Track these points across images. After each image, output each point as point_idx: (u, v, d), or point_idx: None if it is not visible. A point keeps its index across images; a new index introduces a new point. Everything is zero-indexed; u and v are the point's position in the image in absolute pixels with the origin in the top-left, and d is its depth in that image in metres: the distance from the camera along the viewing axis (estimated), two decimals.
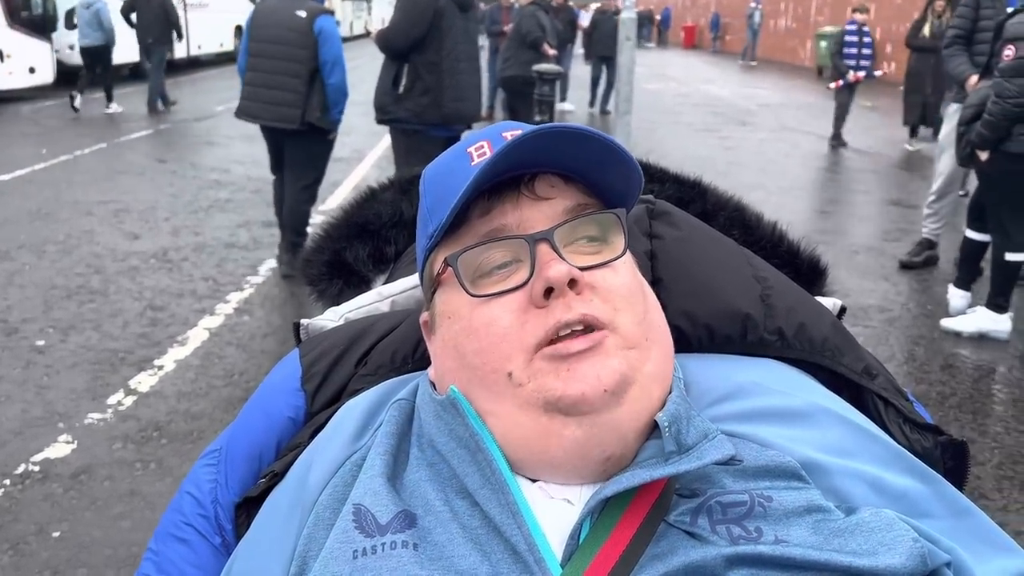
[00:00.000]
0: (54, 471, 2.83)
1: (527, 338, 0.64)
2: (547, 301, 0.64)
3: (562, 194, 0.69)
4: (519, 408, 0.64)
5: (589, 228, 0.68)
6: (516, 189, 0.68)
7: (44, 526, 2.53)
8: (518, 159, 0.66)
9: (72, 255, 5.16)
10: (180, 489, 0.85)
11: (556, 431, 0.62)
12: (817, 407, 0.72)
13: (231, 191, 6.94)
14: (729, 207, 1.00)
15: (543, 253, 0.65)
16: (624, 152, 0.67)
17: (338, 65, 4.51)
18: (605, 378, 0.62)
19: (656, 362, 0.67)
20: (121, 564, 2.32)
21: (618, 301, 0.66)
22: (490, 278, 0.67)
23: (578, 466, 0.64)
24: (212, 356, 3.78)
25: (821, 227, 6.14)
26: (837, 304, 0.92)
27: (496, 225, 0.68)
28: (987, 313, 4.04)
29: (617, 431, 0.63)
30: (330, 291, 1.01)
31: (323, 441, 0.74)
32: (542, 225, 0.67)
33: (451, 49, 4.11)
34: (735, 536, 0.61)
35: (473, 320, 0.66)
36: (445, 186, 0.71)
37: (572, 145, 0.66)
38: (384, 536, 0.63)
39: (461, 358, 0.67)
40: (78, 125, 10.10)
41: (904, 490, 0.67)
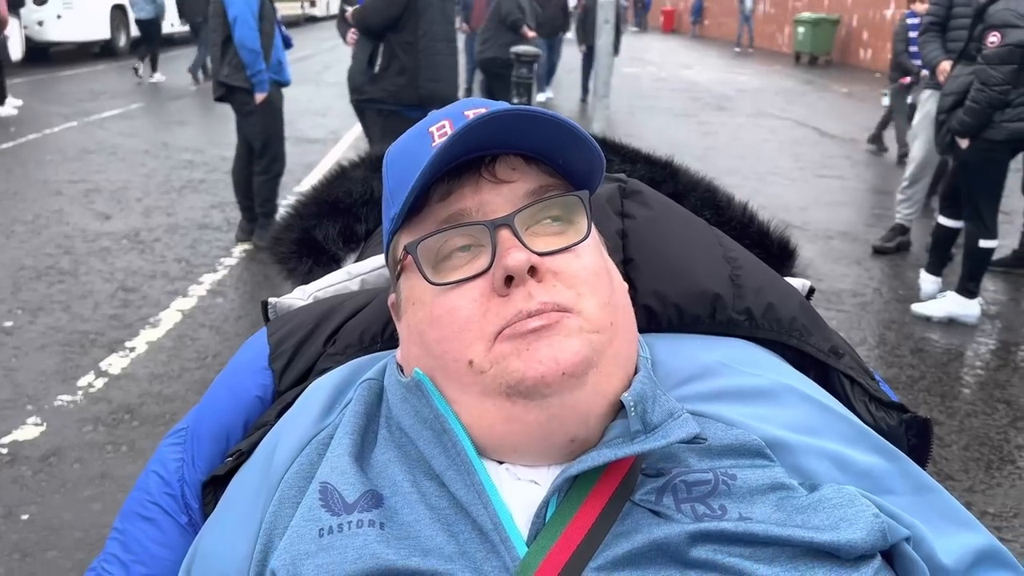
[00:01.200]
0: (23, 453, 2.79)
1: (487, 327, 0.63)
2: (508, 289, 0.63)
3: (524, 176, 0.68)
4: (482, 395, 0.64)
5: (552, 211, 0.68)
6: (476, 172, 0.67)
7: (13, 509, 2.50)
8: (478, 141, 0.65)
9: (41, 235, 5.08)
10: (146, 468, 0.84)
11: (519, 416, 0.63)
12: (783, 386, 0.73)
13: (204, 171, 6.85)
14: (700, 188, 1.00)
15: (504, 239, 0.64)
16: (582, 132, 0.67)
17: (238, 22, 4.55)
18: (563, 361, 0.62)
19: (619, 345, 0.67)
20: (92, 546, 2.30)
21: (581, 286, 0.65)
22: (450, 261, 0.66)
23: (543, 448, 0.64)
24: (185, 338, 3.74)
25: (796, 212, 6.18)
26: (806, 285, 0.93)
27: (455, 209, 0.67)
28: (957, 298, 4.10)
29: (579, 413, 0.63)
30: (300, 269, 1.00)
31: (290, 419, 0.74)
32: (503, 209, 0.66)
33: (427, 29, 4.07)
34: (700, 514, 0.61)
35: (435, 308, 0.66)
36: (405, 167, 0.70)
37: (531, 126, 0.66)
38: (351, 515, 0.62)
39: (425, 346, 0.67)
40: (47, 103, 9.91)
41: (868, 467, 0.68)
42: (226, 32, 4.64)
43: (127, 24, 15.10)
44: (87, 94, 10.74)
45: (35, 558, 2.29)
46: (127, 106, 9.96)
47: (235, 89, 4.76)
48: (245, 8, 4.55)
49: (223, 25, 4.65)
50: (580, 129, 0.66)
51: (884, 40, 16.12)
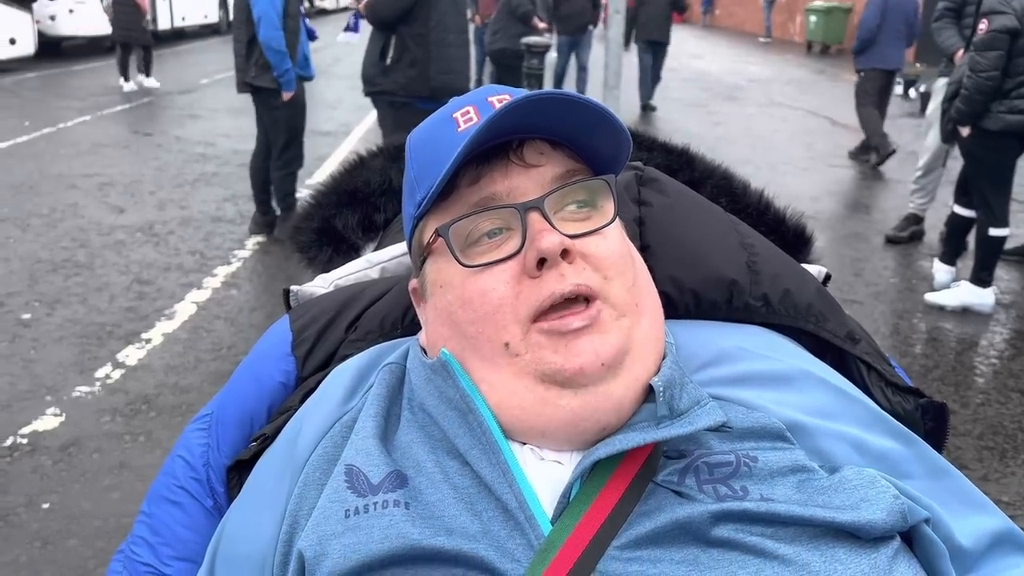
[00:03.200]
0: (43, 444, 2.83)
1: (521, 308, 0.64)
2: (540, 271, 0.64)
3: (551, 160, 0.69)
4: (515, 376, 0.65)
5: (579, 195, 0.69)
6: (505, 156, 0.68)
7: (34, 498, 2.53)
8: (506, 126, 0.66)
9: (57, 228, 5.12)
10: (172, 453, 0.86)
11: (552, 401, 0.63)
12: (801, 371, 0.73)
13: (217, 164, 6.88)
14: (716, 175, 1.00)
15: (534, 222, 0.65)
16: (614, 118, 0.67)
17: (262, 22, 4.51)
18: (603, 353, 0.63)
19: (647, 328, 0.68)
20: (111, 535, 2.33)
21: (608, 269, 0.66)
22: (480, 246, 0.67)
23: (571, 435, 0.65)
24: (200, 330, 3.77)
25: (807, 202, 6.16)
26: (822, 271, 0.93)
27: (486, 194, 0.68)
28: (971, 287, 4.08)
29: (613, 401, 0.64)
30: (320, 258, 1.01)
31: (313, 404, 0.75)
32: (532, 193, 0.67)
33: (439, 21, 4.06)
34: (721, 494, 0.62)
35: (466, 290, 0.67)
36: (431, 153, 0.71)
37: (561, 111, 0.66)
38: (376, 495, 0.64)
39: (455, 327, 0.68)
40: (60, 97, 9.97)
41: (885, 451, 0.69)
42: (251, 32, 4.60)
43: None
44: (100, 88, 10.79)
45: (56, 546, 2.32)
46: (140, 100, 10.01)
47: (261, 89, 4.75)
48: (269, 7, 4.49)
49: (247, 23, 4.60)
50: (609, 111, 0.67)
51: None
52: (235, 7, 4.76)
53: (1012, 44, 3.67)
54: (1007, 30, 3.65)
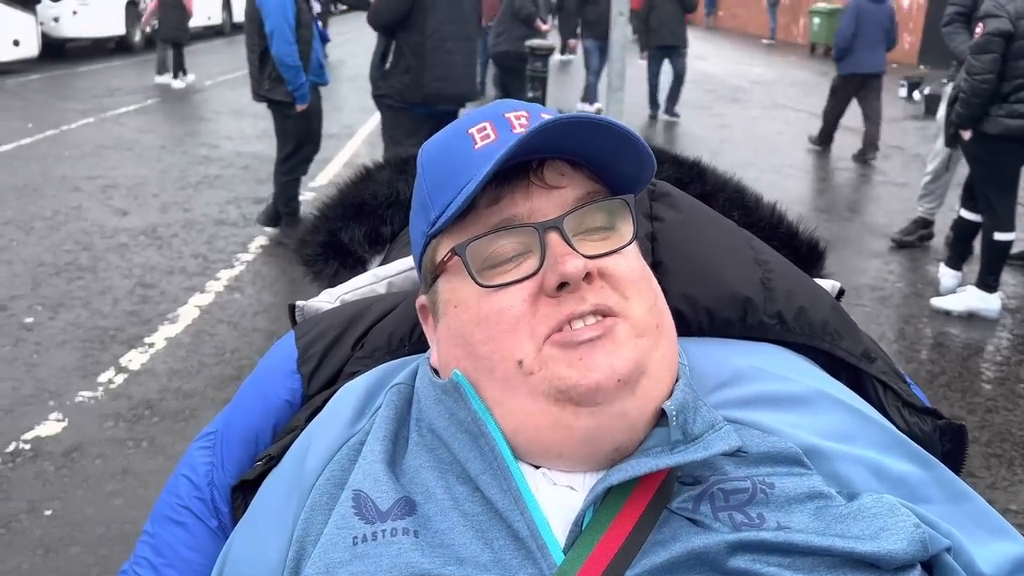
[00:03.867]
0: (45, 449, 2.82)
1: (538, 327, 0.63)
2: (559, 293, 0.63)
3: (572, 182, 0.68)
4: (529, 397, 0.63)
5: (598, 215, 0.67)
6: (525, 177, 0.67)
7: (36, 504, 2.52)
8: (529, 145, 0.65)
9: (60, 231, 5.11)
10: (176, 471, 0.84)
11: (567, 422, 0.62)
12: (817, 392, 0.72)
13: (220, 167, 6.87)
14: (728, 188, 0.99)
15: (554, 243, 0.64)
16: (641, 142, 0.66)
17: (275, 36, 4.45)
18: (619, 368, 0.61)
19: (665, 350, 0.66)
20: (114, 542, 2.32)
21: (628, 289, 0.65)
22: (499, 268, 0.66)
23: (586, 456, 0.63)
24: (203, 334, 3.76)
25: (813, 205, 6.14)
26: (836, 286, 0.92)
27: (507, 215, 0.66)
28: (977, 292, 4.07)
29: (628, 421, 0.62)
30: (326, 272, 1.00)
31: (320, 425, 0.74)
32: (552, 214, 0.66)
33: (435, 28, 4.04)
34: (738, 523, 0.61)
35: (482, 309, 0.65)
36: (446, 169, 0.69)
37: (587, 133, 0.65)
38: (384, 523, 0.62)
39: (468, 347, 0.66)
40: (64, 99, 9.98)
41: (903, 475, 0.68)
42: (263, 44, 4.52)
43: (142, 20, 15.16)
44: (103, 90, 10.80)
45: (58, 553, 2.31)
46: (143, 102, 10.01)
47: (276, 101, 4.71)
48: (281, 20, 4.42)
49: (259, 35, 4.52)
50: (637, 136, 0.66)
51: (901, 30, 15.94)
52: (246, 17, 4.68)
53: (1007, 47, 3.68)
54: (1001, 33, 3.67)
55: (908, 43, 15.59)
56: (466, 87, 4.32)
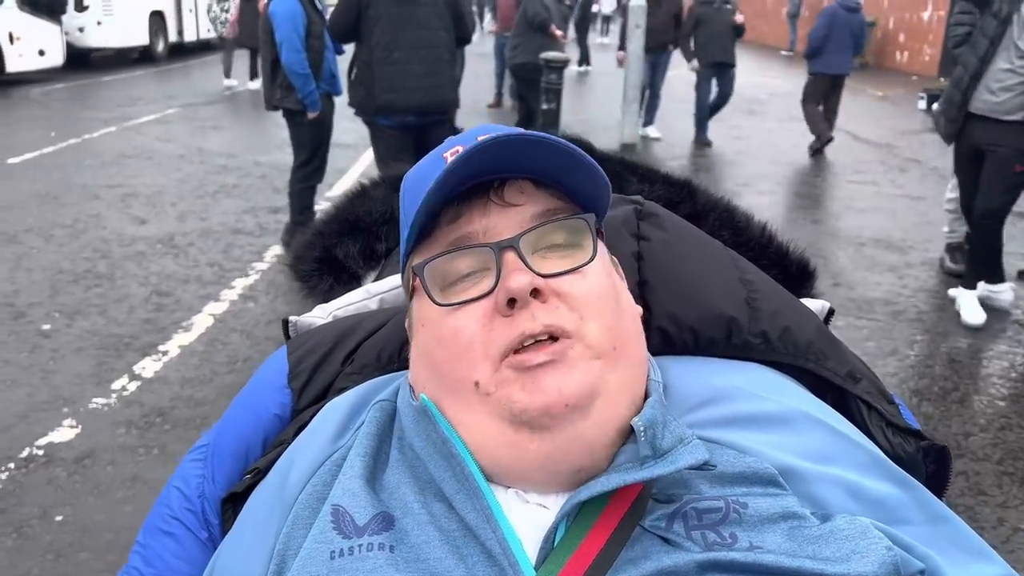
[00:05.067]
0: (58, 455, 2.85)
1: (492, 347, 0.64)
2: (511, 310, 0.64)
3: (532, 200, 0.69)
4: (487, 417, 0.64)
5: (558, 234, 0.68)
6: (485, 195, 0.68)
7: (47, 510, 2.56)
8: (486, 164, 0.66)
9: (79, 239, 5.19)
10: (168, 483, 0.86)
11: (522, 444, 0.63)
12: (798, 412, 0.72)
13: (238, 176, 6.95)
14: (719, 208, 1.00)
15: (509, 262, 0.65)
16: (584, 157, 0.67)
17: (284, 45, 4.55)
18: (567, 392, 0.62)
19: (624, 371, 0.67)
20: (123, 549, 2.35)
21: (585, 308, 0.65)
22: (457, 285, 0.67)
23: (548, 477, 0.64)
24: (216, 343, 3.80)
25: (828, 219, 6.12)
26: (825, 307, 0.92)
27: (463, 232, 0.68)
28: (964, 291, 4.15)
29: (584, 444, 0.63)
30: (320, 287, 1.01)
31: (305, 440, 0.75)
32: (509, 232, 0.67)
33: (380, 39, 4.01)
34: (710, 542, 0.61)
35: (441, 329, 0.67)
36: (419, 191, 0.71)
37: (537, 151, 0.66)
38: (361, 537, 0.63)
39: (432, 367, 0.68)
40: (87, 108, 10.13)
41: (882, 496, 0.68)
42: (275, 53, 4.63)
43: (165, 30, 15.38)
44: (126, 99, 10.95)
45: (68, 559, 2.34)
46: (164, 111, 10.14)
47: (288, 110, 4.81)
48: (291, 31, 4.51)
49: (272, 44, 4.63)
50: (581, 153, 0.66)
51: (921, 43, 15.89)
52: (260, 28, 4.81)
53: None
54: None
55: (928, 55, 15.50)
56: (425, 97, 4.14)
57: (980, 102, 3.84)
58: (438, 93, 4.19)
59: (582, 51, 15.15)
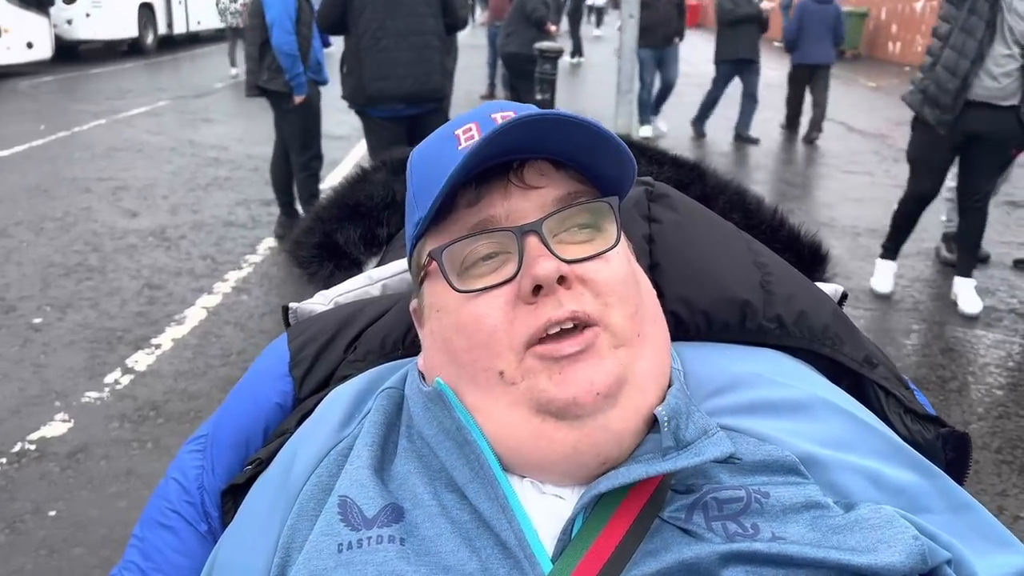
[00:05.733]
0: (51, 450, 2.82)
1: (516, 335, 0.62)
2: (536, 298, 0.62)
3: (553, 182, 0.66)
4: (510, 407, 0.62)
5: (580, 217, 0.66)
6: (505, 177, 0.65)
7: (40, 505, 2.52)
8: (506, 145, 0.63)
9: (70, 232, 5.14)
10: (166, 475, 0.83)
11: (548, 434, 0.61)
12: (816, 398, 0.70)
13: (229, 169, 6.90)
14: (729, 190, 0.97)
15: (531, 247, 0.62)
16: (614, 138, 0.64)
17: (275, 27, 4.58)
18: (598, 382, 0.60)
19: (649, 358, 0.65)
20: (118, 543, 2.32)
21: (609, 295, 0.64)
22: (476, 269, 0.65)
23: (571, 470, 0.62)
24: (210, 335, 3.77)
25: (822, 209, 6.11)
26: (838, 291, 0.90)
27: (484, 216, 0.65)
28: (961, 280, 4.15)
29: (613, 433, 0.61)
30: (321, 273, 0.99)
31: (308, 429, 0.73)
32: (531, 216, 0.64)
33: (367, 28, 3.99)
34: (731, 533, 0.59)
35: (461, 315, 0.64)
36: (431, 171, 0.68)
37: (561, 131, 0.64)
38: (370, 530, 0.61)
39: (450, 354, 0.65)
40: (76, 101, 10.04)
41: (904, 484, 0.66)
42: (264, 35, 4.68)
43: (155, 23, 15.27)
44: (115, 92, 10.87)
45: (62, 554, 2.31)
46: (154, 103, 10.06)
47: (274, 92, 4.82)
48: (282, 12, 4.57)
49: (261, 28, 4.68)
50: (610, 132, 0.64)
51: (913, 33, 15.89)
52: (249, 11, 4.85)
53: None
54: None
55: (921, 46, 15.50)
56: (415, 85, 4.10)
57: (981, 88, 3.78)
58: (428, 80, 4.14)
59: (575, 42, 15.11)
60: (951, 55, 3.82)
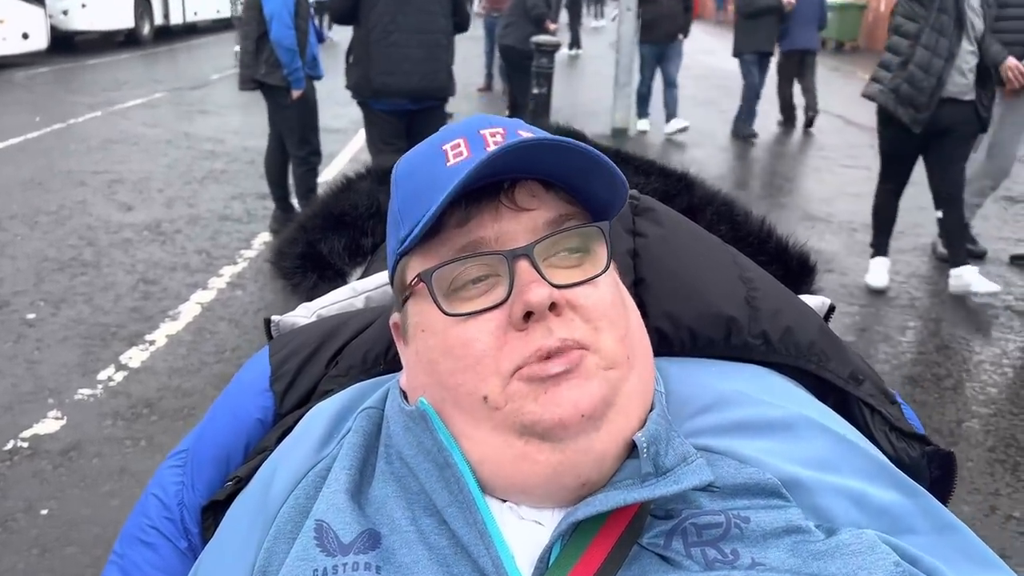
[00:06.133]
0: (43, 447, 2.81)
1: (504, 362, 0.61)
2: (527, 324, 0.61)
3: (544, 204, 0.65)
4: (494, 431, 0.61)
5: (570, 241, 0.65)
6: (495, 198, 0.64)
7: (33, 503, 2.52)
8: (498, 166, 0.62)
9: (65, 226, 5.12)
10: (146, 491, 0.83)
11: (531, 456, 0.60)
12: (800, 417, 0.70)
13: (225, 162, 6.87)
14: (716, 201, 0.96)
15: (523, 271, 0.62)
16: (609, 164, 0.63)
17: (274, 21, 4.56)
18: (583, 404, 0.59)
19: (636, 381, 0.64)
20: (111, 543, 2.30)
21: (599, 319, 0.63)
22: (465, 292, 0.64)
23: (552, 491, 0.61)
24: (204, 331, 3.76)
25: (819, 204, 6.10)
26: (825, 303, 0.90)
27: (473, 238, 0.64)
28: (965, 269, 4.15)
29: (595, 456, 0.60)
30: (304, 284, 0.98)
31: (287, 448, 0.72)
32: (522, 238, 0.63)
33: (377, 21, 4.00)
34: (710, 559, 0.59)
35: (448, 338, 0.63)
36: (416, 186, 0.67)
37: (556, 155, 0.63)
38: (346, 556, 0.60)
39: (435, 376, 0.64)
40: (72, 92, 9.99)
41: (887, 505, 0.65)
42: (261, 29, 4.66)
43: (151, 13, 15.20)
44: (111, 83, 10.82)
45: (54, 553, 2.31)
46: (150, 95, 10.02)
47: (271, 87, 4.80)
48: (281, 6, 4.54)
49: (258, 21, 4.66)
50: (604, 157, 0.63)
51: None
52: (245, 4, 4.83)
53: None
54: None
55: None
56: (422, 82, 4.12)
57: (953, 85, 3.91)
58: (435, 79, 4.18)
59: (573, 34, 15.05)
60: (924, 54, 3.88)
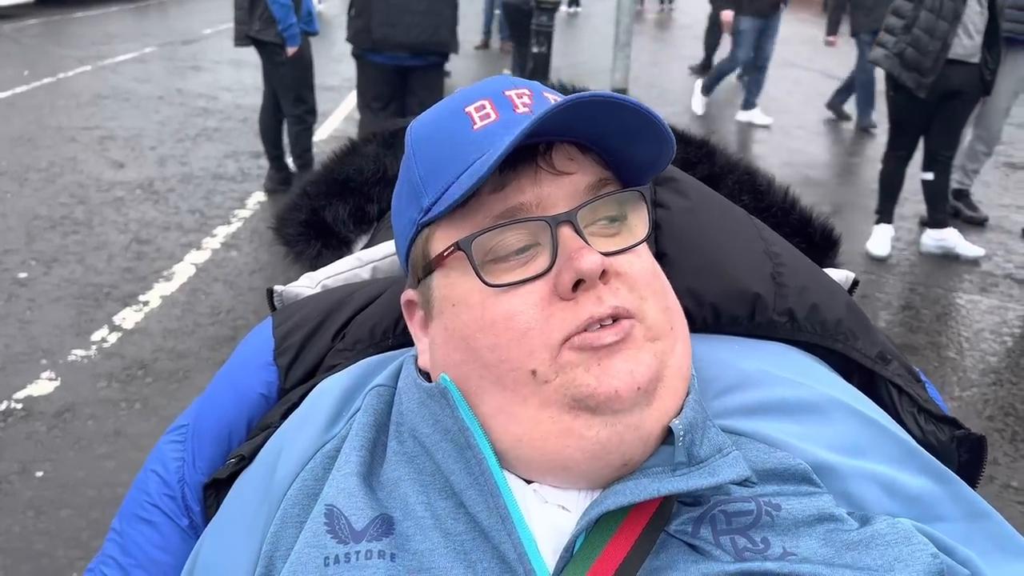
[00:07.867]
0: (37, 409, 2.79)
1: (553, 333, 0.57)
2: (575, 293, 0.57)
3: (581, 168, 0.62)
4: (541, 407, 0.58)
5: (610, 207, 0.62)
6: (532, 161, 0.60)
7: (27, 465, 2.50)
8: (538, 127, 0.58)
9: (55, 184, 5.03)
10: (145, 467, 0.80)
11: (579, 431, 0.57)
12: (828, 399, 0.67)
13: (219, 119, 6.76)
14: (738, 170, 0.92)
15: (567, 238, 0.58)
16: (662, 123, 0.59)
17: None
18: (639, 375, 0.56)
19: (680, 354, 0.61)
20: (106, 504, 2.30)
21: (644, 288, 0.60)
22: (506, 263, 0.60)
23: (592, 469, 0.58)
24: (199, 292, 3.72)
25: (821, 168, 6.04)
26: (850, 277, 0.87)
27: (513, 203, 0.60)
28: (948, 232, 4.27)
29: (641, 434, 0.57)
30: (308, 253, 0.94)
31: (293, 427, 0.69)
32: (562, 204, 0.60)
33: None
34: (740, 548, 0.56)
35: (487, 312, 0.59)
36: (442, 151, 0.63)
37: (603, 114, 0.59)
38: (359, 544, 0.58)
39: (472, 352, 0.60)
40: (61, 46, 9.79)
41: (919, 492, 0.63)
42: None
43: None
44: (101, 36, 10.60)
45: (49, 516, 2.30)
46: (141, 50, 9.83)
47: (266, 43, 4.72)
48: None
49: None
50: (658, 116, 0.59)
51: None
52: None
53: None
54: None
55: None
56: (422, 35, 4.05)
57: (960, 47, 3.87)
58: (436, 33, 4.10)
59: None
60: (928, 17, 3.83)
